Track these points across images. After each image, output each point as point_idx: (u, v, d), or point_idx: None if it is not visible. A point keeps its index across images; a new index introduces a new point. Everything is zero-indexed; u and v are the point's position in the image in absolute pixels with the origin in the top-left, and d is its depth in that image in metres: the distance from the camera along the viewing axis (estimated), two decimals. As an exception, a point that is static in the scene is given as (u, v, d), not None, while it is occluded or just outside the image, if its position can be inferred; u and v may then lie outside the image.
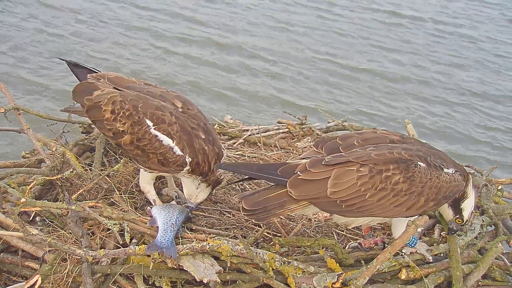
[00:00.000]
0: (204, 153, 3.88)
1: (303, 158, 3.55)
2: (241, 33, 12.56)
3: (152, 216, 3.70)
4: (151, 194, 4.13)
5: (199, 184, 4.00)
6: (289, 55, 11.89)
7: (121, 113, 3.84)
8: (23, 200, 3.46)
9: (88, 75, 4.20)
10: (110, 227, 3.45)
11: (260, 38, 12.52)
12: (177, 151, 3.81)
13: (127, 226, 3.48)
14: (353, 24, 14.14)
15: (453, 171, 3.51)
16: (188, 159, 3.84)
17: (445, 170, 3.47)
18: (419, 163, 3.41)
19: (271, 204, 3.36)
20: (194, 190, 4.03)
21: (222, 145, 4.21)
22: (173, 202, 4.14)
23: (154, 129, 3.80)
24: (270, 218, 3.48)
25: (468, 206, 3.62)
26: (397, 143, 3.58)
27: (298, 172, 3.37)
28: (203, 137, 3.92)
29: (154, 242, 3.40)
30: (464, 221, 3.65)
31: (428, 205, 3.42)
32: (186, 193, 4.09)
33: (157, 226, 3.56)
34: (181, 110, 4.00)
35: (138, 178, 4.26)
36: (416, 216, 3.47)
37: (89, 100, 3.98)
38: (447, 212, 3.67)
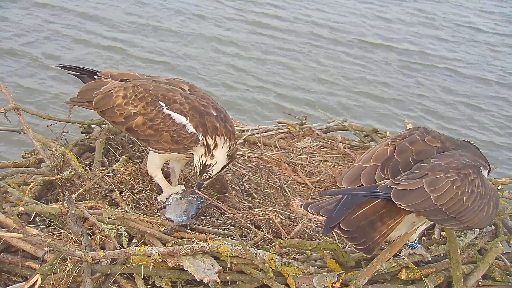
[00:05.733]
0: (214, 131, 4.00)
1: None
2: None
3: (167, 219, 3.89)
4: (159, 178, 4.22)
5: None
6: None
7: (133, 96, 4.02)
8: (21, 209, 3.49)
9: (95, 76, 4.36)
10: (107, 232, 3.48)
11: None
12: (190, 128, 3.95)
13: (124, 231, 3.52)
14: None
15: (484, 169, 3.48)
16: (200, 137, 3.96)
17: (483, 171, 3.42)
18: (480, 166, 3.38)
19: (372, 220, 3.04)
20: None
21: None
22: (177, 197, 4.17)
23: (167, 109, 3.96)
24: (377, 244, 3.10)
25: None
26: (442, 150, 3.42)
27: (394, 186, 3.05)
28: (215, 114, 4.06)
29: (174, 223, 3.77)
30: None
31: (494, 209, 3.32)
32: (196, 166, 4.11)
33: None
34: (189, 92, 4.16)
35: (139, 178, 4.29)
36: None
37: (98, 93, 4.14)
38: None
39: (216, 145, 4.00)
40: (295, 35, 13.17)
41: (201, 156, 4.02)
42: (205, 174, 4.06)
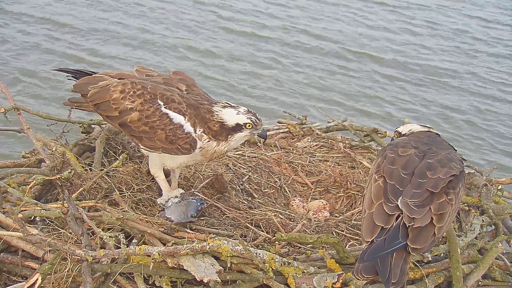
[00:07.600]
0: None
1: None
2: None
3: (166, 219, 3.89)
4: (161, 179, 4.22)
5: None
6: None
7: (132, 92, 3.99)
8: (20, 216, 3.47)
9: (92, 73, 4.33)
10: (106, 240, 3.47)
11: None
12: (188, 127, 3.91)
13: (123, 238, 3.51)
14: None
15: None
16: (201, 134, 3.91)
17: None
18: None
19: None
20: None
21: None
22: (176, 200, 4.17)
23: (165, 107, 3.93)
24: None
25: None
26: (420, 154, 3.54)
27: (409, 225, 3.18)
28: (206, 103, 4.03)
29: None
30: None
31: None
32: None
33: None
34: (185, 92, 4.14)
35: (138, 178, 4.29)
36: None
37: (94, 87, 4.10)
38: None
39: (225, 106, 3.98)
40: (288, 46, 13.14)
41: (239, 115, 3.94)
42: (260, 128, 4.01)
